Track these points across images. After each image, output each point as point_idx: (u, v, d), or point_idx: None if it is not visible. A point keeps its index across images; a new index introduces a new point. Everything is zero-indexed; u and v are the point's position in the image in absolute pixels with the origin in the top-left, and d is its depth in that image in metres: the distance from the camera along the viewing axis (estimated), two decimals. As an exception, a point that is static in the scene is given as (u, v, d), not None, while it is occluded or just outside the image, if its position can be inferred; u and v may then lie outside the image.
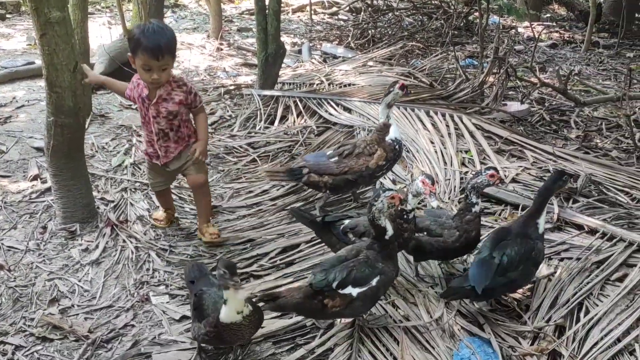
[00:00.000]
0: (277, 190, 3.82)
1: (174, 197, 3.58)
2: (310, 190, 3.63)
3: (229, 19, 9.02)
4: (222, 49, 7.31)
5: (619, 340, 2.30)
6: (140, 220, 3.40)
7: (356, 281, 2.31)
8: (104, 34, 6.90)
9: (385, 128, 3.27)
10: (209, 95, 5.63)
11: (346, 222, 2.75)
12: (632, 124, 4.74)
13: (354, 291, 2.31)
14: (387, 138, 3.26)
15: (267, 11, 5.11)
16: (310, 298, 2.33)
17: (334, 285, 2.30)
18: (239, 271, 2.94)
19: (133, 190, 3.74)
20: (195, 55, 7.02)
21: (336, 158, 3.33)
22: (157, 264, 3.02)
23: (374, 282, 2.33)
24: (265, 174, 3.55)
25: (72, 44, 2.94)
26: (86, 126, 4.49)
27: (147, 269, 2.99)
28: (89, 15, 5.23)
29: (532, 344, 2.38)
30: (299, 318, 2.58)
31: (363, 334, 2.49)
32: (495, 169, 2.62)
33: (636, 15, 9.46)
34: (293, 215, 3.12)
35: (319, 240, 3.11)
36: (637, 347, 2.23)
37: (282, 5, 9.69)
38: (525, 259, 2.40)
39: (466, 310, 2.59)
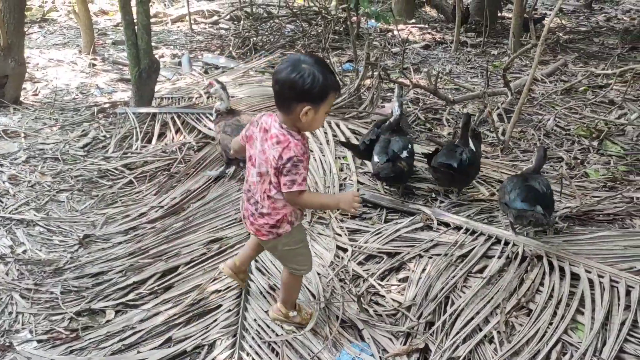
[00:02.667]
0: (156, 212, 3.70)
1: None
2: (190, 209, 3.57)
3: (103, 31, 8.62)
4: (95, 65, 6.96)
5: (480, 329, 2.46)
6: (2, 259, 3.14)
7: (400, 147, 3.52)
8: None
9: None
10: (81, 115, 5.34)
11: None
12: (495, 119, 5.12)
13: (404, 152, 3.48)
14: None
15: (136, 25, 4.93)
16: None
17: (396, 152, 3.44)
18: (112, 303, 2.83)
19: (-7, 226, 3.45)
20: (65, 73, 6.62)
21: None
22: (21, 307, 2.80)
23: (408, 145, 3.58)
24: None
25: None
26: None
27: (10, 313, 2.76)
28: None
29: (405, 343, 2.49)
30: (179, 346, 2.51)
31: (244, 353, 2.47)
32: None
33: (499, 14, 10.25)
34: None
35: (200, 260, 3.08)
36: (495, 334, 2.40)
37: (160, 15, 9.47)
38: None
39: (346, 317, 2.65)
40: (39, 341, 2.61)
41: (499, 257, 2.86)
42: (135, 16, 4.94)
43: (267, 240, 2.36)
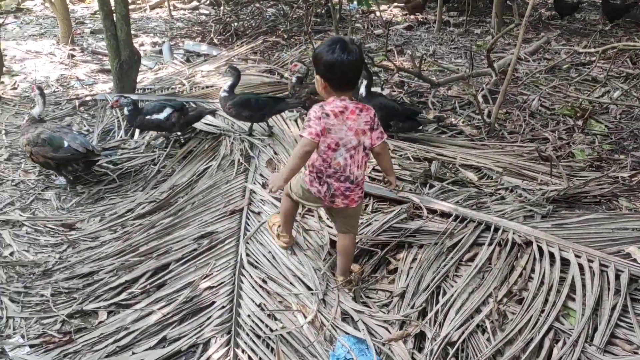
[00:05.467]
0: (143, 208, 3.67)
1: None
2: (178, 204, 3.55)
3: (81, 20, 8.44)
4: (74, 56, 6.82)
5: (472, 317, 2.48)
6: (-11, 263, 3.10)
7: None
8: None
9: None
10: (62, 109, 5.24)
11: None
12: (480, 100, 5.12)
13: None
14: None
15: (114, 15, 4.83)
16: None
17: None
18: (104, 304, 2.81)
19: (-22, 229, 3.40)
20: (44, 65, 6.49)
21: None
22: (12, 311, 2.77)
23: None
24: None
25: None
26: None
27: (0, 318, 2.73)
28: None
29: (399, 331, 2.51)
30: (174, 346, 2.51)
31: (239, 350, 2.48)
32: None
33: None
34: None
35: (191, 257, 3.07)
36: (487, 323, 2.43)
37: (139, 2, 9.29)
38: None
39: (341, 309, 2.66)
40: (31, 346, 2.58)
41: (490, 245, 2.88)
42: (113, 6, 4.84)
43: (356, 206, 2.68)
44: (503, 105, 5.01)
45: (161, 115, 4.14)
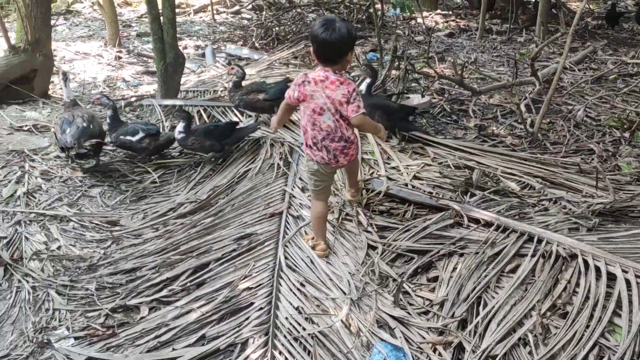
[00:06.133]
0: (185, 208, 3.74)
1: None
2: (218, 204, 3.60)
3: (127, 23, 8.67)
4: (121, 57, 7.01)
5: (514, 330, 2.44)
6: (37, 255, 3.20)
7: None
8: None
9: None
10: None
11: None
12: (523, 110, 5.03)
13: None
14: None
15: (161, 19, 4.95)
16: None
17: None
18: (146, 299, 2.87)
19: (28, 222, 3.51)
20: (92, 66, 6.69)
21: None
22: (58, 303, 2.86)
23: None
24: None
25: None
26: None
27: (47, 310, 2.82)
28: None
29: (438, 341, 2.49)
30: (212, 344, 2.54)
31: (276, 352, 2.50)
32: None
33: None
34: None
35: (231, 257, 3.11)
36: (530, 337, 2.38)
37: (183, 6, 9.48)
38: None
39: (378, 315, 2.65)
40: (76, 338, 2.66)
41: (533, 256, 2.82)
42: (160, 10, 4.96)
43: (354, 158, 3.01)
44: (547, 115, 4.90)
45: (134, 138, 4.24)
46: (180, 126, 4.18)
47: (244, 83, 4.71)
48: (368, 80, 4.39)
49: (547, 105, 4.65)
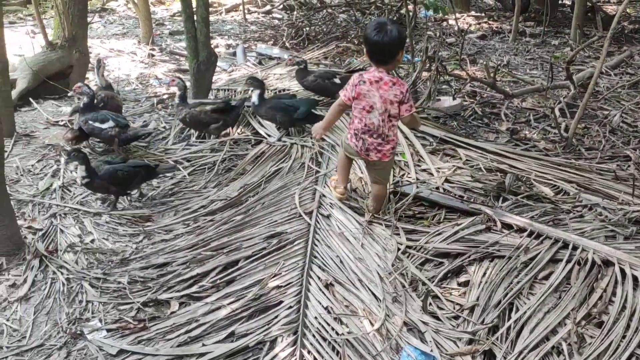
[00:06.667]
0: (215, 205, 3.77)
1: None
2: (248, 202, 3.63)
3: (160, 21, 8.80)
4: (154, 55, 7.12)
5: (547, 339, 2.39)
6: (72, 248, 3.27)
7: None
8: (26, 44, 6.57)
9: None
10: (141, 106, 5.48)
11: None
12: (558, 114, 4.94)
13: None
14: None
15: (195, 18, 5.00)
16: None
17: None
18: (176, 294, 2.90)
19: (63, 215, 3.59)
20: (125, 63, 6.81)
21: None
22: (91, 295, 2.91)
23: None
24: None
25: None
26: (9, 149, 4.29)
27: (80, 301, 2.88)
28: (10, 25, 4.98)
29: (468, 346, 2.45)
30: (241, 341, 2.56)
31: (305, 351, 2.50)
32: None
33: (560, 1, 9.87)
34: None
35: (260, 255, 3.11)
36: (564, 346, 2.33)
37: (215, 5, 9.57)
38: None
39: (408, 319, 2.63)
40: (108, 330, 2.71)
41: (567, 263, 2.77)
42: (194, 9, 5.01)
43: (388, 160, 3.19)
44: (581, 119, 4.81)
45: (103, 125, 4.26)
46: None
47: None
48: (257, 90, 4.41)
49: (582, 109, 4.56)
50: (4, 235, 3.10)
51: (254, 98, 4.43)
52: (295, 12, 8.62)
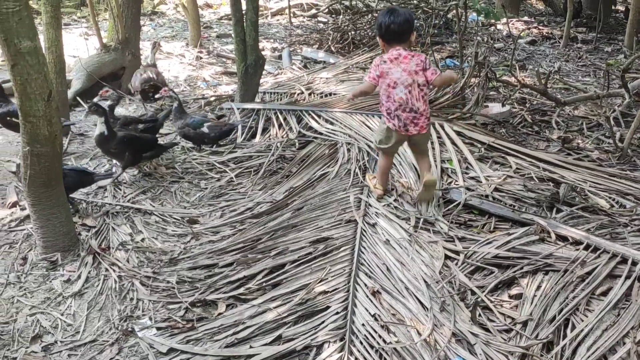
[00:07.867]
0: (261, 207, 3.79)
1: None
2: (294, 205, 3.63)
3: (208, 25, 8.95)
4: (201, 58, 7.24)
5: (605, 358, 2.30)
6: (123, 246, 3.35)
7: None
8: (81, 46, 6.79)
9: None
10: (189, 107, 5.57)
11: None
12: (612, 123, 4.77)
13: None
14: None
15: (244, 22, 5.06)
16: None
17: None
18: (223, 296, 2.93)
19: (114, 214, 3.68)
20: (174, 65, 6.94)
21: None
22: (142, 294, 2.97)
23: None
24: None
25: (44, 72, 2.87)
26: (65, 147, 4.42)
27: (131, 299, 2.94)
28: (64, 27, 5.15)
29: (520, 363, 2.39)
30: (288, 345, 2.56)
31: (352, 358, 2.48)
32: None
33: (613, 7, 9.56)
34: None
35: (307, 259, 3.11)
36: (624, 365, 2.24)
37: (261, 9, 9.67)
38: None
39: (457, 329, 2.58)
40: (158, 328, 2.75)
41: (627, 279, 2.66)
42: (244, 12, 5.07)
43: (426, 132, 3.35)
44: (637, 129, 4.63)
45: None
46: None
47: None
48: (102, 118, 3.80)
49: (639, 119, 4.39)
50: (61, 231, 3.20)
51: (101, 127, 3.82)
52: (340, 16, 8.62)
